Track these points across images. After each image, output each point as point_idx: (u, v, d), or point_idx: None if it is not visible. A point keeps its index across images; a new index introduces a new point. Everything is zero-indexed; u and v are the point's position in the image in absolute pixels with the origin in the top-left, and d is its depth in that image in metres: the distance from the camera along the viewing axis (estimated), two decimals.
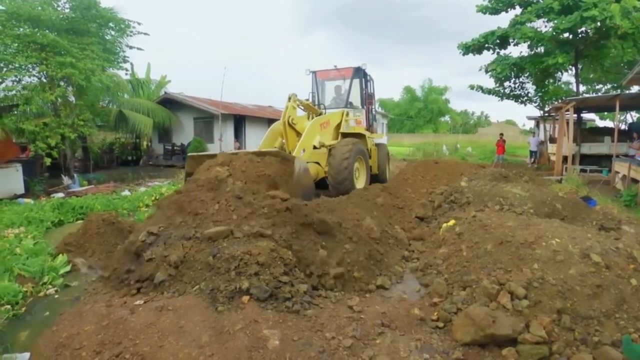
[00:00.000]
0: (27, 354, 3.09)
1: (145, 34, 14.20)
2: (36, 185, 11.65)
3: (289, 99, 8.27)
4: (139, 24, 13.69)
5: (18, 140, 12.97)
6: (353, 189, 8.19)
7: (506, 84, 20.58)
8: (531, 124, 30.53)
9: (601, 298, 3.38)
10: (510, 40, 17.14)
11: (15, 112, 11.43)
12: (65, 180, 12.70)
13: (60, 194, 10.99)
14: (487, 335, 3.03)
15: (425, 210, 7.56)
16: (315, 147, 8.31)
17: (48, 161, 11.44)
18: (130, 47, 14.35)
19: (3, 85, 11.40)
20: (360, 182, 9.46)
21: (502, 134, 19.72)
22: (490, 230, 4.79)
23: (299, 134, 8.28)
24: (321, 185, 8.97)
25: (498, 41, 17.38)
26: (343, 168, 8.39)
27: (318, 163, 8.80)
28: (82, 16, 12.07)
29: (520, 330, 3.06)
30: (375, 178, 10.77)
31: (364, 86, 10.71)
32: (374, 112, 11.81)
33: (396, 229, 6.42)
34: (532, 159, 20.80)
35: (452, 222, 6.00)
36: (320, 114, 9.77)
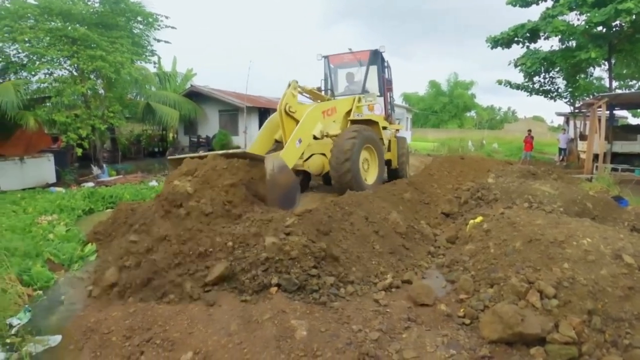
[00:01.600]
0: (58, 337, 3.20)
1: (172, 27, 14.38)
2: (67, 174, 12.03)
3: (289, 85, 7.50)
4: (166, 17, 13.86)
5: (50, 131, 13.38)
6: (360, 184, 7.38)
7: (536, 78, 20.01)
8: (560, 121, 29.71)
9: (633, 300, 3.28)
10: (541, 34, 16.63)
11: (48, 104, 11.79)
12: (95, 170, 13.08)
13: (90, 184, 11.33)
14: (515, 333, 2.99)
15: (452, 206, 7.49)
16: (315, 138, 7.51)
17: (79, 151, 11.79)
18: (158, 41, 14.55)
19: (36, 77, 11.78)
20: (371, 175, 8.43)
21: (530, 131, 19.24)
22: (519, 228, 4.71)
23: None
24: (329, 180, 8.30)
25: (528, 35, 16.87)
26: (344, 160, 7.34)
27: (324, 154, 8.08)
28: (111, 10, 12.30)
29: (549, 329, 3.01)
30: (394, 173, 10.15)
31: (381, 71, 9.85)
32: (392, 101, 10.82)
33: (422, 224, 6.39)
34: (561, 157, 20.24)
35: (479, 218, 5.92)
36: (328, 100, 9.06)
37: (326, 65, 10.04)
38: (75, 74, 12.08)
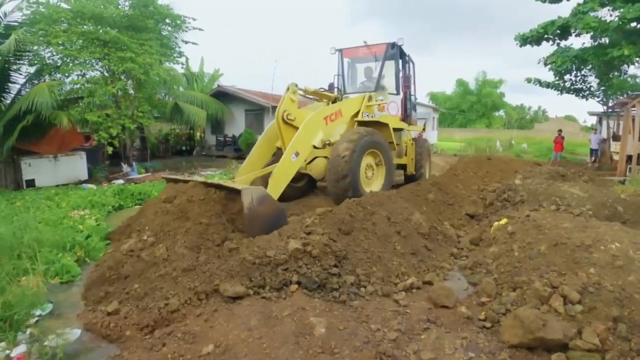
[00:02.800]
0: (78, 331, 3.32)
1: (199, 29, 14.67)
2: (98, 172, 12.49)
3: (287, 89, 6.77)
4: (193, 19, 14.17)
5: (82, 130, 13.86)
6: (360, 194, 6.41)
7: (566, 77, 19.38)
8: (593, 120, 28.68)
9: None
10: (572, 31, 16.04)
11: (80, 104, 12.22)
12: (125, 167, 13.54)
13: (120, 181, 11.71)
14: (537, 338, 2.94)
15: (476, 207, 7.38)
16: (315, 147, 6.79)
17: (110, 150, 12.20)
18: (186, 42, 14.88)
19: (69, 79, 12.27)
20: (377, 184, 7.57)
21: (560, 130, 18.67)
22: (545, 231, 4.61)
23: None
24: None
25: (558, 32, 16.32)
26: (340, 169, 6.57)
27: (327, 158, 7.27)
28: (140, 13, 12.66)
29: (572, 336, 2.94)
30: (410, 179, 9.20)
31: (399, 67, 8.91)
32: (413, 100, 9.91)
33: (445, 226, 6.33)
34: (593, 158, 19.57)
35: (504, 220, 5.82)
36: (335, 100, 8.34)
37: (340, 59, 9.25)
38: (106, 75, 12.51)
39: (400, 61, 8.96)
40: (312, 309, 3.18)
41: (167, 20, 13.74)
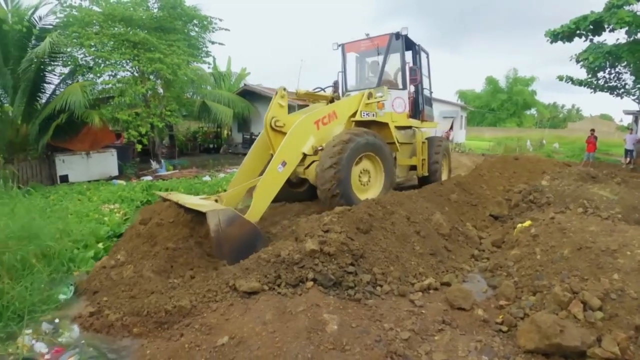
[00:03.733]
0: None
1: (226, 29, 14.97)
2: (128, 168, 12.96)
3: (276, 93, 6.30)
4: (220, 20, 14.45)
5: (113, 128, 14.40)
6: (351, 201, 5.91)
7: (600, 74, 18.59)
8: (629, 119, 27.51)
9: None
10: (605, 26, 15.38)
11: (111, 103, 12.72)
12: (154, 164, 13.98)
13: (149, 177, 12.11)
14: (553, 344, 2.86)
15: (501, 208, 7.21)
16: (305, 155, 6.26)
17: (139, 147, 12.64)
18: (213, 43, 15.21)
19: (101, 79, 12.77)
20: (374, 190, 6.82)
21: (593, 130, 18.00)
22: (569, 234, 4.49)
23: None
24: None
25: (591, 27, 15.64)
26: (328, 176, 5.92)
27: None
28: (168, 15, 13.04)
29: (591, 343, 2.85)
30: (424, 180, 8.46)
31: (405, 59, 8.12)
32: (427, 93, 9.04)
33: (467, 226, 6.24)
34: (628, 159, 18.76)
35: (527, 222, 5.69)
36: (332, 100, 7.81)
37: (342, 54, 8.51)
38: (136, 75, 12.92)
39: (407, 53, 8.24)
40: (326, 305, 3.22)
41: (195, 22, 14.06)
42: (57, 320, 3.49)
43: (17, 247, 3.91)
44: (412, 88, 8.42)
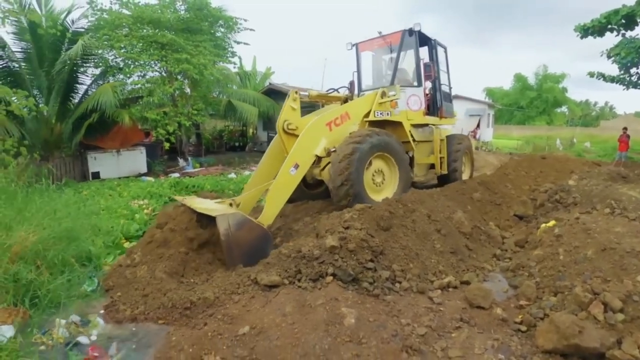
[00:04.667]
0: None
1: (251, 29, 15.21)
2: (156, 165, 13.37)
3: (288, 96, 6.39)
4: (245, 20, 14.69)
5: (142, 126, 14.85)
6: (364, 202, 5.69)
7: (632, 70, 17.89)
8: None
9: None
10: (638, 20, 14.84)
11: (140, 103, 13.13)
12: (181, 162, 14.38)
13: (176, 174, 12.47)
14: (571, 345, 2.85)
15: (526, 208, 7.10)
16: (318, 157, 6.22)
17: (167, 145, 12.99)
18: (238, 43, 15.47)
19: (130, 79, 13.20)
20: (388, 190, 6.72)
21: (625, 128, 17.37)
22: (594, 235, 4.41)
23: None
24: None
25: (623, 21, 15.05)
26: (339, 177, 5.87)
27: None
28: (195, 16, 13.35)
29: (610, 345, 2.83)
30: (444, 179, 8.24)
31: (419, 55, 7.95)
32: (444, 89, 8.80)
33: (490, 226, 6.19)
34: None
35: (552, 222, 5.61)
36: (346, 101, 7.76)
37: (356, 54, 8.54)
38: (164, 75, 13.29)
39: (422, 49, 8.14)
40: (345, 300, 3.30)
41: (220, 22, 14.33)
42: (85, 313, 3.72)
43: (59, 248, 4.21)
44: (428, 84, 8.28)
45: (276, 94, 21.09)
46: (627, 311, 3.09)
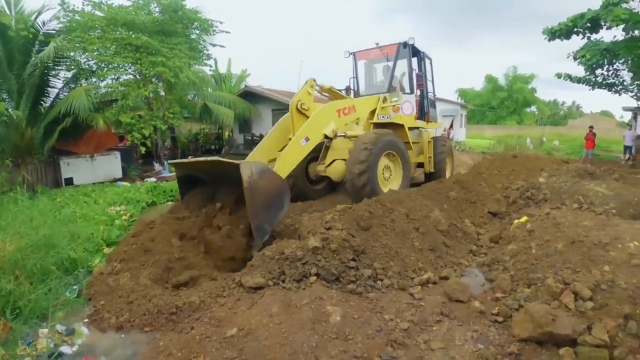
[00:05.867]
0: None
1: (226, 32, 15.07)
2: (132, 170, 13.10)
3: (305, 82, 7.11)
4: (220, 22, 14.57)
5: (117, 131, 14.53)
6: (377, 193, 6.59)
7: (598, 71, 18.68)
8: (629, 116, 27.62)
9: None
10: (602, 24, 15.50)
11: (115, 106, 12.83)
12: (157, 166, 14.16)
13: (153, 179, 12.26)
14: (545, 332, 3.02)
15: (499, 205, 7.39)
16: (327, 137, 6.85)
17: (142, 149, 12.76)
18: (213, 45, 15.33)
19: (104, 82, 12.90)
20: (394, 183, 7.70)
21: (591, 127, 18.13)
22: (563, 229, 4.64)
23: None
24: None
25: (588, 25, 15.71)
26: (358, 172, 6.79)
27: (345, 160, 7.35)
28: (170, 18, 13.15)
29: (581, 331, 3.01)
30: (430, 177, 9.29)
31: (412, 66, 9.03)
32: (431, 97, 9.96)
33: (466, 223, 6.40)
34: (627, 155, 18.88)
35: (524, 218, 5.85)
36: None
37: (354, 62, 9.55)
38: (139, 78, 13.07)
39: (413, 59, 9.06)
40: (329, 298, 3.38)
41: (196, 25, 14.20)
42: (70, 322, 3.68)
43: (38, 256, 4.15)
44: (418, 92, 9.30)
45: (252, 97, 21.03)
46: (595, 299, 3.29)
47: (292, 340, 2.86)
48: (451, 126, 26.78)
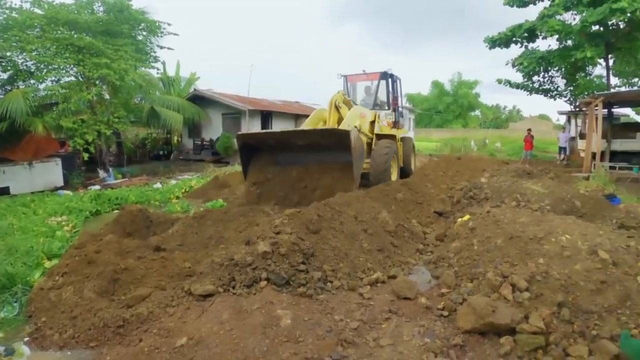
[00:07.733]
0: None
1: (174, 34, 14.78)
2: (74, 178, 12.40)
3: (338, 92, 10.01)
4: (168, 24, 14.24)
5: (57, 136, 13.76)
6: (389, 180, 9.51)
7: (535, 78, 20.09)
8: (564, 119, 29.72)
9: (605, 294, 3.42)
10: (538, 34, 16.73)
11: (55, 110, 12.14)
12: (101, 173, 13.49)
13: (97, 187, 11.68)
14: (487, 323, 3.20)
15: (444, 205, 7.72)
16: (355, 127, 9.24)
17: (85, 156, 12.14)
18: (161, 47, 14.94)
19: (44, 85, 12.19)
20: (394, 174, 10.64)
21: (529, 130, 19.34)
22: (502, 226, 4.90)
23: (340, 119, 9.67)
24: None
25: (526, 34, 16.92)
26: (383, 170, 9.57)
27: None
28: (115, 18, 12.69)
29: (519, 320, 3.20)
30: (402, 169, 11.79)
31: (390, 88, 11.78)
32: (400, 110, 13.05)
33: (413, 223, 6.61)
34: (562, 156, 20.32)
35: (467, 217, 6.13)
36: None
37: (345, 82, 12.23)
38: (81, 80, 12.46)
39: (390, 83, 11.75)
40: (280, 302, 3.39)
41: (142, 26, 13.76)
42: (10, 342, 3.46)
43: None
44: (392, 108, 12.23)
45: (202, 100, 20.63)
46: (531, 290, 3.51)
47: (243, 345, 2.85)
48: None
